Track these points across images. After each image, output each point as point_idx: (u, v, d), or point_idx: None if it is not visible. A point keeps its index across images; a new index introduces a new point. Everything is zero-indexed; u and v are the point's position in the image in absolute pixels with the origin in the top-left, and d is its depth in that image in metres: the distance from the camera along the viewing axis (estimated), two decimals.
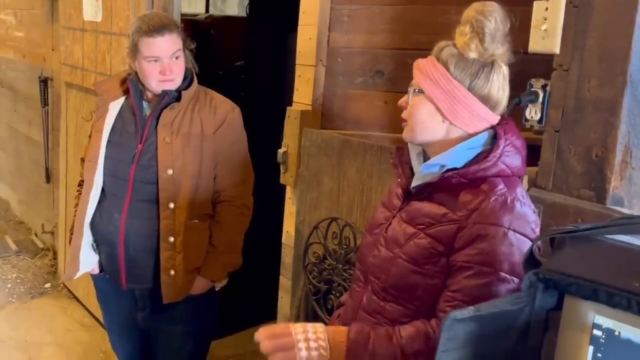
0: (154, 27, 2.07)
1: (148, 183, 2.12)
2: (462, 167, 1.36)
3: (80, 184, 2.34)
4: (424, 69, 1.39)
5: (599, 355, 0.93)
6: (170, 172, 2.10)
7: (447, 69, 1.36)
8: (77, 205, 2.32)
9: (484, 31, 1.33)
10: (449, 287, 1.31)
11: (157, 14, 2.32)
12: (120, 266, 2.18)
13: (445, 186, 1.36)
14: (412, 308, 1.37)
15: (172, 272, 2.14)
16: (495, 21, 1.34)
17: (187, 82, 2.19)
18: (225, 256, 2.25)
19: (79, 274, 2.27)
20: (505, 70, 1.38)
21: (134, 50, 2.11)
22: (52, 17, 4.26)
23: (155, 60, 2.08)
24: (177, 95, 2.16)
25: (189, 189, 2.13)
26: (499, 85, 1.37)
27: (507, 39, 1.37)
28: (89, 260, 2.27)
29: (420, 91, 1.39)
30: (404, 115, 1.43)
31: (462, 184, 1.34)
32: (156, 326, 2.29)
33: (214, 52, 3.87)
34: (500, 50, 1.36)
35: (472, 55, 1.35)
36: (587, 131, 1.51)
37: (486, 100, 1.37)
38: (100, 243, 2.25)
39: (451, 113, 1.37)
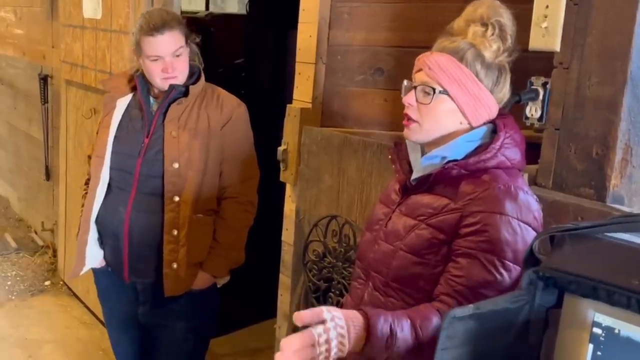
0: (155, 26, 2.07)
1: (154, 177, 2.13)
2: (462, 159, 1.36)
3: (87, 182, 2.34)
4: (446, 69, 1.36)
5: (599, 353, 0.93)
6: (176, 165, 2.12)
7: (474, 72, 1.36)
8: (84, 205, 2.32)
9: (508, 33, 1.35)
10: (451, 270, 1.31)
11: (160, 10, 2.30)
12: (124, 259, 2.19)
13: (445, 178, 1.36)
14: (413, 303, 1.37)
15: (175, 265, 2.15)
16: (511, 21, 1.36)
17: (194, 78, 2.20)
18: (229, 252, 2.26)
19: (85, 270, 2.27)
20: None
21: (138, 49, 2.14)
22: (52, 15, 4.25)
23: (157, 59, 2.10)
24: (184, 90, 2.17)
25: (195, 183, 2.15)
26: (509, 87, 1.42)
27: None
28: (95, 256, 2.27)
29: (444, 92, 1.36)
30: (413, 115, 1.40)
31: (462, 175, 1.35)
32: (157, 321, 2.29)
33: (214, 50, 3.86)
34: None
35: (492, 56, 1.36)
36: (587, 129, 1.51)
37: (500, 101, 1.41)
38: (105, 236, 2.25)
39: (474, 115, 1.38)
